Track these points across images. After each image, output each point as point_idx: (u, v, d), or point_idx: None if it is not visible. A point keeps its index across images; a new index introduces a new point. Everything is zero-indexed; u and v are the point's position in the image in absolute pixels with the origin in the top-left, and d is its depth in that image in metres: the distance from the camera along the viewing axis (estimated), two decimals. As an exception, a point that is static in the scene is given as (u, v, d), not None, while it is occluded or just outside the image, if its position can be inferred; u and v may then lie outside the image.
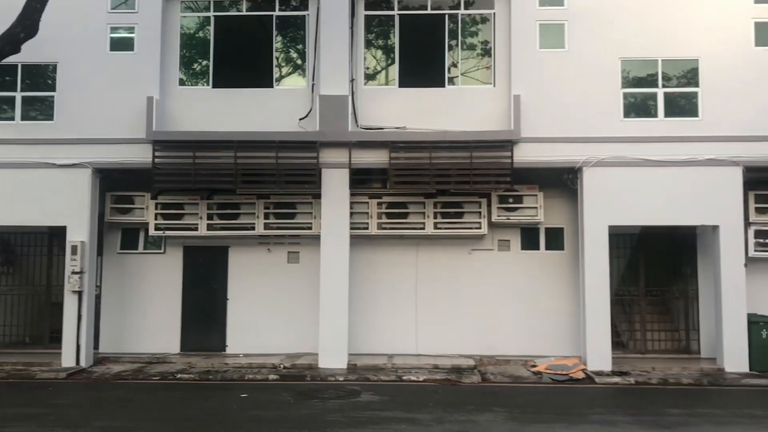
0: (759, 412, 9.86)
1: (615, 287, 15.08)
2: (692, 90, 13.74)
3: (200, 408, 10.34)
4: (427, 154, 13.61)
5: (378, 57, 14.87)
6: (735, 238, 13.42)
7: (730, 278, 13.30)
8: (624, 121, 13.72)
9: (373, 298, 14.82)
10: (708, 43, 13.66)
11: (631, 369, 13.07)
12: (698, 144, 13.50)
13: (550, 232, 14.96)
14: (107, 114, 13.88)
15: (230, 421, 9.48)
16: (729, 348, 13.16)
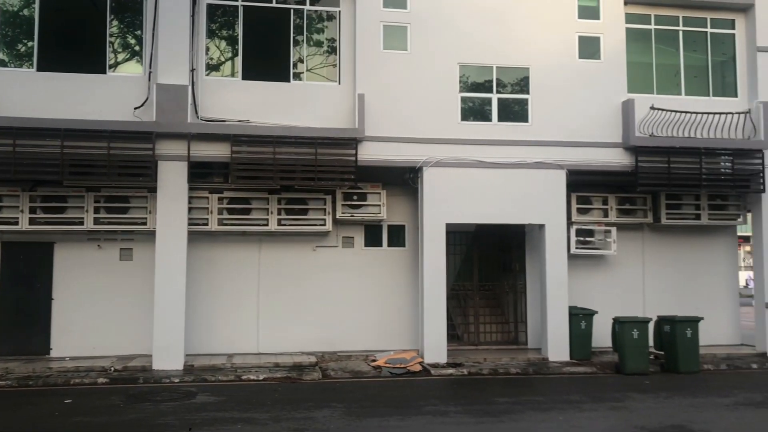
0: (575, 398, 10.67)
1: (451, 282, 15.74)
2: (523, 97, 14.60)
3: (15, 417, 9.50)
4: (271, 149, 13.42)
5: (222, 48, 14.45)
6: (559, 236, 14.44)
7: (554, 273, 14.30)
8: (461, 123, 14.31)
9: (213, 297, 14.40)
10: (538, 53, 14.58)
11: (464, 360, 13.67)
12: (528, 148, 14.37)
13: (393, 230, 15.30)
14: None
15: (49, 429, 8.79)
16: (552, 338, 14.14)
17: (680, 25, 15.39)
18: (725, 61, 15.72)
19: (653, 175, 14.54)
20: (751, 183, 14.98)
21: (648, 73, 15.24)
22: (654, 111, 14.52)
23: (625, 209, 15.52)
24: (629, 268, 15.93)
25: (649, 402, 10.33)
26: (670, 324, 13.36)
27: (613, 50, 14.76)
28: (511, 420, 9.04)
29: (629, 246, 15.87)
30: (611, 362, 13.59)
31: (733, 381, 12.35)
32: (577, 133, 14.52)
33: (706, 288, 16.08)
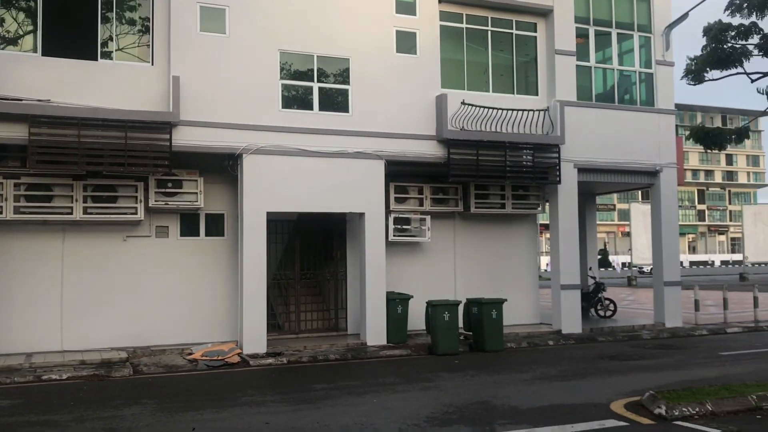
0: (390, 380, 11.05)
1: (273, 271, 15.63)
2: (344, 87, 14.79)
3: None
4: (76, 131, 12.48)
5: (19, 19, 13.17)
6: (377, 225, 14.84)
7: (373, 260, 14.69)
8: (283, 111, 14.21)
9: (8, 293, 13.19)
10: (358, 45, 14.82)
11: (285, 349, 13.66)
12: (349, 137, 14.60)
13: (211, 219, 14.89)
14: None
15: None
16: (370, 323, 14.54)
17: (489, 26, 16.38)
18: (528, 61, 16.98)
19: (463, 167, 15.38)
20: (548, 175, 16.33)
21: (460, 70, 16.07)
22: (465, 106, 15.35)
23: (439, 198, 16.30)
24: (443, 254, 16.77)
25: (457, 380, 10.96)
26: (477, 306, 14.25)
27: (428, 46, 15.38)
28: (328, 405, 9.16)
29: (442, 233, 16.70)
30: (425, 344, 14.23)
31: (532, 357, 13.45)
32: (395, 125, 14.97)
33: (510, 272, 17.35)
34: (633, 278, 38.67)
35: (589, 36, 17.33)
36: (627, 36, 17.80)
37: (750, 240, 41.12)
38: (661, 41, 17.86)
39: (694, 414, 8.19)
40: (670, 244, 17.83)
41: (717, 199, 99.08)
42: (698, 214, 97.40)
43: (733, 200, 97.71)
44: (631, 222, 40.09)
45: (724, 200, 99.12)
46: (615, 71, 17.74)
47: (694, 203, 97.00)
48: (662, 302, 17.61)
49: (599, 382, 10.73)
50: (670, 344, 15.07)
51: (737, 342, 15.37)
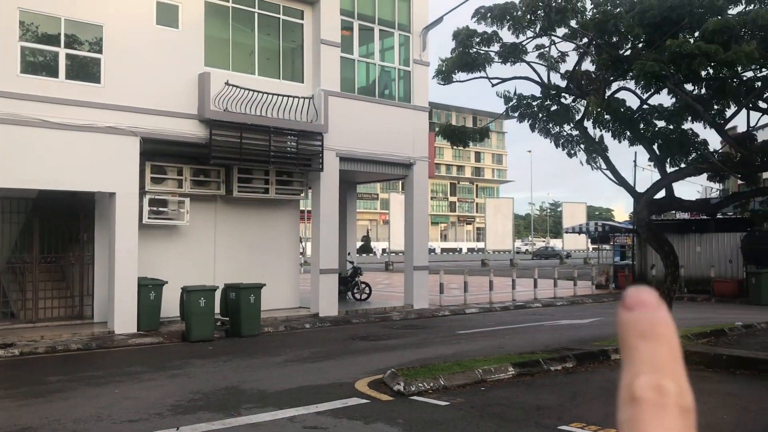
0: (137, 369, 10.52)
1: (6, 255, 14.08)
2: (96, 56, 13.71)
3: None
4: None
5: None
6: (130, 206, 14.01)
7: (124, 244, 13.85)
8: (21, 77, 12.81)
9: None
10: (114, 12, 13.81)
11: (17, 340, 12.37)
12: (100, 111, 13.57)
13: (-71, 193, 12.98)
14: None
15: None
16: (120, 311, 13.71)
17: (256, 8, 16.19)
18: (295, 48, 17.09)
19: (226, 149, 15.08)
20: (312, 162, 16.63)
21: (225, 50, 15.71)
22: (229, 87, 15.04)
23: (200, 181, 15.82)
24: (202, 238, 16.32)
25: (208, 367, 10.74)
26: (235, 291, 14.09)
27: (191, 21, 14.81)
28: (61, 399, 8.47)
29: (203, 217, 16.24)
30: (179, 331, 13.77)
31: (288, 340, 13.64)
32: (153, 101, 14.22)
33: (271, 257, 17.40)
34: (390, 263, 40.94)
35: (353, 30, 17.90)
36: (389, 33, 18.69)
37: (490, 230, 45.63)
38: (418, 41, 19.03)
39: (428, 389, 8.87)
40: (420, 231, 19.14)
41: (466, 192, 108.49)
42: (450, 206, 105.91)
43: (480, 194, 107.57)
44: (390, 211, 42.41)
45: (473, 193, 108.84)
46: (377, 66, 18.54)
47: (446, 195, 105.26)
48: (411, 286, 18.86)
49: (348, 362, 11.20)
50: (416, 324, 16.20)
51: (473, 321, 16.96)
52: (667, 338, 0.52)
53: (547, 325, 16.07)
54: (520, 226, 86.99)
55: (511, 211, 46.25)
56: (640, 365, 0.51)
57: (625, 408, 0.51)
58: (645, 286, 0.54)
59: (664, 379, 0.51)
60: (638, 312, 0.53)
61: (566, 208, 50.13)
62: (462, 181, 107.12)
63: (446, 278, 20.99)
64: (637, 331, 0.52)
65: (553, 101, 13.23)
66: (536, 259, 58.82)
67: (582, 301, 22.08)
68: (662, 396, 0.50)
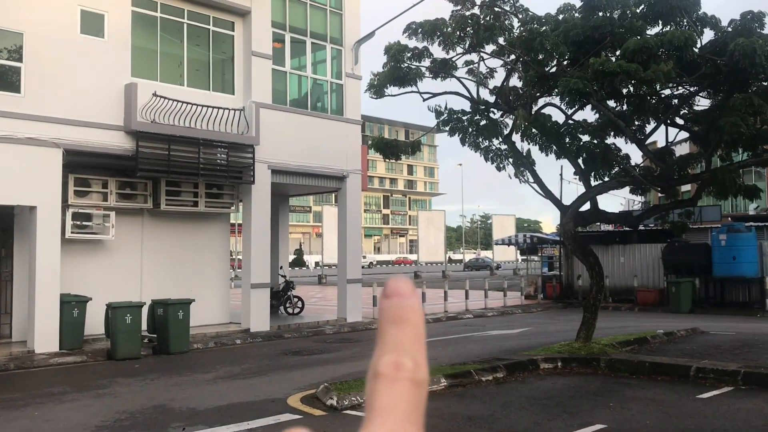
0: (58, 389, 10.09)
1: None
2: (16, 65, 13.21)
3: None
4: None
5: None
6: (52, 220, 13.49)
7: (46, 259, 13.32)
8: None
9: None
10: (35, 20, 13.35)
11: (-73, 362, 11.70)
12: (20, 121, 13.06)
13: None
14: None
15: None
16: (41, 329, 13.15)
17: (185, 18, 15.94)
18: (225, 59, 16.89)
19: (154, 161, 14.73)
20: (243, 175, 16.42)
21: (153, 60, 15.38)
22: (157, 98, 14.71)
23: (126, 194, 15.39)
24: (129, 253, 15.85)
25: (135, 386, 10.42)
26: (163, 307, 13.72)
27: (117, 31, 14.45)
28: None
29: (129, 231, 15.79)
30: (104, 349, 13.29)
31: (218, 357, 13.37)
32: (77, 112, 13.78)
33: (201, 271, 17.05)
34: (323, 276, 40.75)
35: (285, 42, 17.83)
36: (321, 46, 18.71)
37: (423, 242, 46.06)
38: (351, 55, 19.12)
39: (362, 403, 8.79)
40: (354, 244, 19.15)
41: (399, 204, 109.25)
42: (383, 218, 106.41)
43: (412, 206, 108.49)
44: (323, 223, 42.27)
45: (406, 206, 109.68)
46: (309, 79, 18.52)
47: (380, 207, 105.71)
48: (345, 299, 18.82)
49: (280, 377, 11.06)
50: (350, 338, 16.15)
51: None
52: (413, 322, 0.58)
53: (478, 336, 16.30)
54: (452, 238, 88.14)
55: (443, 223, 46.83)
56: (386, 346, 0.57)
57: (369, 383, 0.56)
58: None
59: (403, 357, 0.56)
60: (393, 300, 0.58)
61: (496, 220, 51.12)
62: (395, 194, 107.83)
63: (379, 291, 21.01)
64: (389, 317, 0.58)
65: (482, 116, 13.49)
66: (468, 270, 59.66)
67: (512, 311, 22.51)
68: (399, 371, 0.56)
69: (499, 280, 31.21)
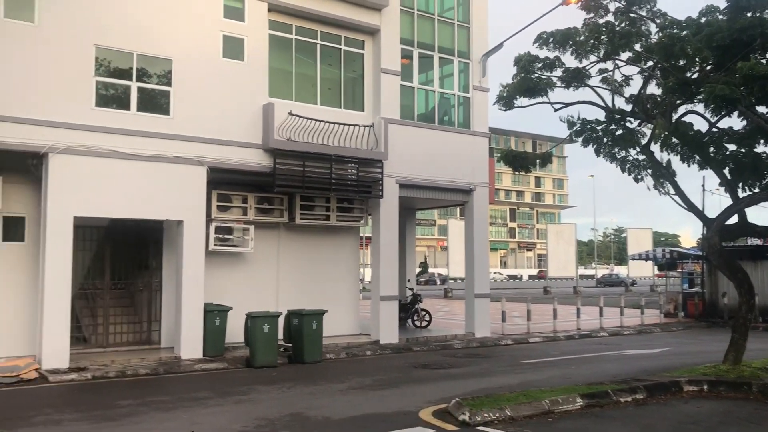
0: (203, 394, 10.67)
1: (80, 281, 14.58)
2: (166, 89, 14.19)
3: None
4: None
5: None
6: (197, 233, 14.36)
7: (191, 270, 14.17)
8: (96, 109, 13.35)
9: None
10: (182, 47, 14.31)
11: (89, 364, 12.74)
12: (169, 141, 14.01)
13: (10, 222, 13.63)
14: None
15: None
16: (186, 336, 13.98)
17: (318, 39, 16.53)
18: (356, 77, 17.34)
19: (289, 177, 15.34)
20: (372, 189, 16.74)
21: (288, 80, 16.06)
22: (292, 117, 15.33)
23: (263, 208, 16.11)
24: (266, 264, 16.56)
25: (273, 393, 10.82)
26: (298, 317, 14.21)
27: (256, 54, 15.21)
28: (132, 422, 8.66)
29: (266, 244, 16.50)
30: (243, 357, 13.93)
31: (350, 367, 13.64)
32: (219, 131, 14.61)
33: (332, 283, 17.50)
34: (449, 290, 40.63)
35: (413, 58, 18.06)
36: (448, 61, 18.78)
37: (552, 256, 44.86)
38: (478, 68, 19.05)
39: (494, 419, 8.71)
40: (481, 258, 18.97)
41: (526, 217, 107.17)
42: (509, 231, 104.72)
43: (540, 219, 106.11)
44: (449, 237, 42.22)
45: (533, 219, 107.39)
46: (436, 93, 18.62)
47: (506, 221, 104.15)
48: (473, 313, 18.66)
49: (411, 390, 11.10)
50: (479, 353, 15.98)
51: (537, 351, 16.63)
52: None
53: (615, 355, 15.62)
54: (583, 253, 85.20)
55: (573, 237, 45.42)
56: None
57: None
58: None
59: None
60: None
61: (631, 234, 48.91)
62: (522, 207, 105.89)
63: (508, 306, 20.68)
64: None
65: (618, 125, 12.99)
66: (600, 286, 57.44)
67: (650, 330, 21.40)
68: None
69: (635, 297, 29.80)
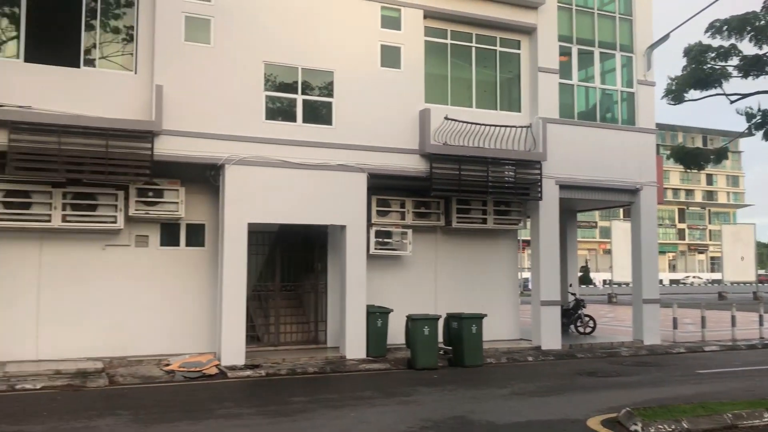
0: (368, 394, 11.00)
1: (253, 283, 15.55)
2: (328, 100, 14.82)
3: None
4: (57, 138, 12.38)
5: (3, 25, 13.08)
6: (359, 237, 14.83)
7: (354, 273, 14.66)
8: (266, 122, 14.20)
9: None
10: (342, 58, 14.87)
11: (263, 362, 13.56)
12: (332, 150, 14.61)
13: (192, 228, 14.79)
14: None
15: None
16: (350, 336, 14.48)
17: (473, 42, 16.50)
18: (511, 78, 17.11)
19: (446, 181, 15.43)
20: (530, 191, 16.42)
21: (443, 85, 16.17)
22: (448, 121, 15.43)
23: (421, 212, 16.33)
24: (423, 268, 16.77)
25: (435, 395, 10.93)
26: (457, 321, 14.25)
27: (412, 61, 15.47)
28: (305, 419, 9.10)
29: (424, 247, 16.72)
30: (404, 358, 14.19)
31: (511, 373, 13.46)
32: (378, 138, 15.02)
33: (491, 287, 17.37)
34: (613, 295, 38.88)
35: (572, 54, 17.51)
36: (609, 55, 18.02)
37: (728, 259, 41.54)
38: (642, 61, 18.10)
39: (669, 431, 8.22)
40: (649, 262, 17.97)
41: (697, 218, 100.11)
42: (678, 233, 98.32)
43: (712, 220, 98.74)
44: (612, 240, 40.37)
45: (704, 219, 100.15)
46: (597, 90, 17.93)
47: (674, 222, 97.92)
48: (641, 320, 17.73)
49: (577, 398, 10.75)
50: (648, 361, 15.15)
51: (714, 360, 15.48)
52: None
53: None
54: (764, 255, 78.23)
55: (752, 238, 41.77)
56: None
57: None
58: None
59: None
60: None
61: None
62: (692, 206, 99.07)
63: (679, 312, 19.42)
64: None
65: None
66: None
67: None
68: None
69: (827, 304, 26.87)
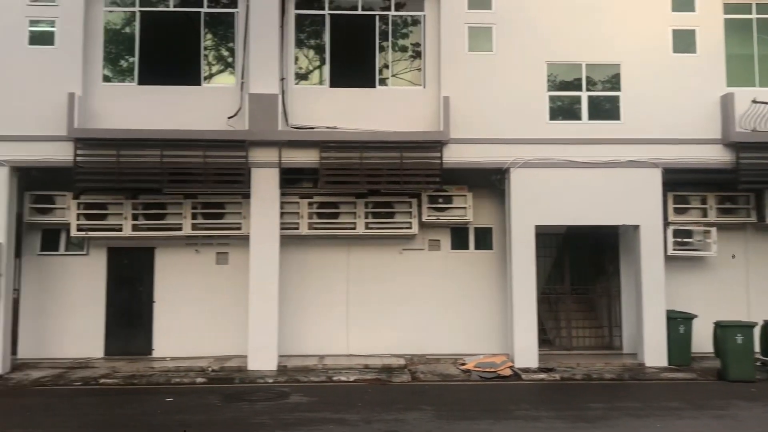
0: (674, 404, 10.25)
1: (542, 286, 15.43)
2: (614, 94, 14.19)
3: (123, 413, 10.04)
4: (358, 154, 13.62)
5: (309, 56, 14.78)
6: (655, 238, 13.92)
7: (650, 276, 13.79)
8: (550, 123, 14.05)
9: (304, 299, 14.72)
10: (629, 49, 14.13)
11: (556, 365, 13.38)
12: (620, 146, 13.95)
13: (479, 232, 15.18)
14: (26, 110, 13.33)
15: (154, 425, 9.25)
16: (649, 343, 13.64)
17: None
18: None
19: (756, 172, 13.79)
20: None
21: (749, 65, 14.47)
22: (756, 104, 13.78)
23: (726, 208, 14.81)
24: (731, 269, 15.16)
25: (756, 410, 9.82)
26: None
27: (709, 43, 14.13)
28: (607, 426, 8.80)
29: (731, 247, 15.12)
30: (713, 368, 12.95)
31: None
32: (672, 130, 13.98)
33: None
34: None
35: None
36: None
37: None
38: None
39: None
40: None
41: None
42: None
43: None
44: None
45: None
46: None
47: None
48: None
49: None
50: None
51: None
52: None
53: None
54: None
55: None
56: None
57: None
58: None
59: None
60: None
61: None
62: None
63: None
64: None
65: None
66: None
67: None
68: None
69: None
